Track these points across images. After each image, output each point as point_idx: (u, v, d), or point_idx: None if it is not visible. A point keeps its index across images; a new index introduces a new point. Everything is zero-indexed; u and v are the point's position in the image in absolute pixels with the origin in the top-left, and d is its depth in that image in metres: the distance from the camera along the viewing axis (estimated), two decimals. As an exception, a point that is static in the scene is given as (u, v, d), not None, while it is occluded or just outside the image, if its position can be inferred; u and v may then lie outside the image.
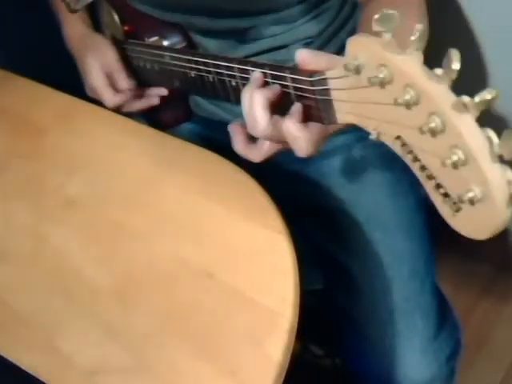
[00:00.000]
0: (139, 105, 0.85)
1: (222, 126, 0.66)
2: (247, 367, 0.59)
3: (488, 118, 0.41)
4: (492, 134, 0.39)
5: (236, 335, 0.61)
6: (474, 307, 1.35)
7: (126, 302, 0.67)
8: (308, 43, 0.79)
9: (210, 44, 0.81)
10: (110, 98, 0.83)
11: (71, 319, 0.67)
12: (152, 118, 0.92)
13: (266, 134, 0.58)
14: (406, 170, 0.47)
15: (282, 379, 0.58)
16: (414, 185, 0.80)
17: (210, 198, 0.72)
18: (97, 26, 0.92)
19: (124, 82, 0.83)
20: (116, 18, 0.88)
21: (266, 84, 0.59)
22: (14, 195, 0.79)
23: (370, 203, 0.85)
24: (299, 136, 0.56)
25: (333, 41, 0.82)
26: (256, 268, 0.65)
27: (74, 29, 0.89)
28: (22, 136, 0.85)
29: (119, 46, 0.87)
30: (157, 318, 0.65)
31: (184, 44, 0.82)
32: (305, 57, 0.54)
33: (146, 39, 0.83)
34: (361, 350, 0.87)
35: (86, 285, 0.69)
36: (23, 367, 0.63)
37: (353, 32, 0.77)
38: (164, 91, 0.84)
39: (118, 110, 0.85)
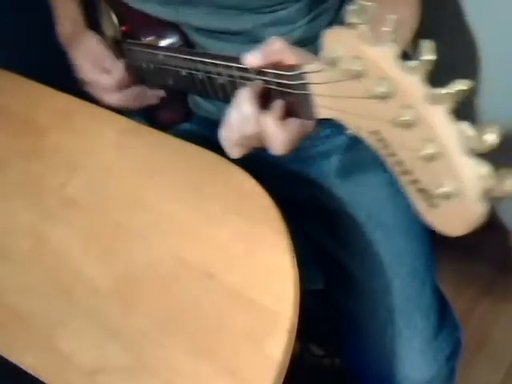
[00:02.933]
0: (138, 103, 0.86)
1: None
2: (247, 367, 0.59)
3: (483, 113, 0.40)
4: (466, 126, 0.38)
5: (236, 335, 0.61)
6: (474, 307, 1.35)
7: (125, 301, 0.67)
8: (306, 45, 0.79)
9: (207, 45, 0.81)
10: (107, 82, 0.83)
11: (71, 319, 0.67)
12: (152, 118, 0.92)
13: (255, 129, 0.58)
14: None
15: (281, 379, 0.58)
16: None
17: (210, 198, 0.72)
18: (96, 26, 0.92)
19: (113, 65, 0.83)
20: (114, 18, 0.88)
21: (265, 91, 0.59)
22: (14, 195, 0.79)
23: (370, 203, 0.85)
24: (276, 133, 0.56)
25: None
26: (256, 268, 0.65)
27: (64, 27, 0.91)
28: (22, 136, 0.85)
29: (118, 46, 0.87)
30: (157, 317, 0.65)
31: (181, 44, 0.82)
32: (252, 62, 0.56)
33: (143, 39, 0.84)
34: (361, 350, 0.87)
35: (85, 285, 0.69)
36: (23, 367, 0.63)
37: None
38: (162, 93, 0.85)
39: (117, 108, 0.86)
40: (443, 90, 0.38)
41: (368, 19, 0.41)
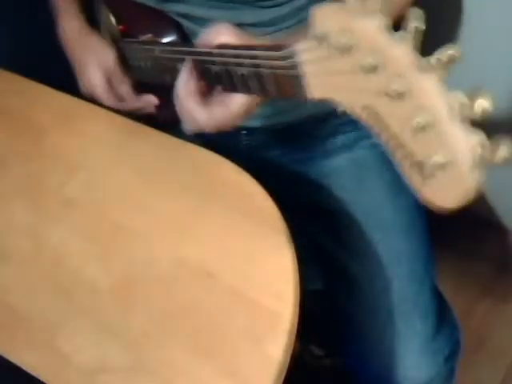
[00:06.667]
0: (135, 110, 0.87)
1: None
2: (247, 367, 0.59)
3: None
4: (457, 94, 0.37)
5: (236, 335, 0.61)
6: (474, 307, 1.35)
7: (125, 301, 0.67)
8: None
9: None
10: (108, 101, 0.83)
11: (71, 319, 0.67)
12: (151, 118, 0.92)
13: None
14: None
15: (281, 379, 0.58)
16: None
17: (210, 198, 0.72)
18: (96, 26, 0.92)
19: (122, 85, 0.83)
20: (112, 18, 0.88)
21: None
22: (13, 195, 0.79)
23: (370, 203, 0.85)
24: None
25: None
26: (256, 268, 0.65)
27: (70, 26, 0.89)
28: (22, 136, 0.85)
29: (116, 45, 0.87)
30: (156, 317, 0.65)
31: (178, 42, 0.82)
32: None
33: (141, 37, 0.84)
34: (360, 350, 0.87)
35: (85, 285, 0.69)
36: (23, 367, 0.64)
37: None
38: (154, 100, 0.85)
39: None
40: (433, 58, 0.37)
41: None
